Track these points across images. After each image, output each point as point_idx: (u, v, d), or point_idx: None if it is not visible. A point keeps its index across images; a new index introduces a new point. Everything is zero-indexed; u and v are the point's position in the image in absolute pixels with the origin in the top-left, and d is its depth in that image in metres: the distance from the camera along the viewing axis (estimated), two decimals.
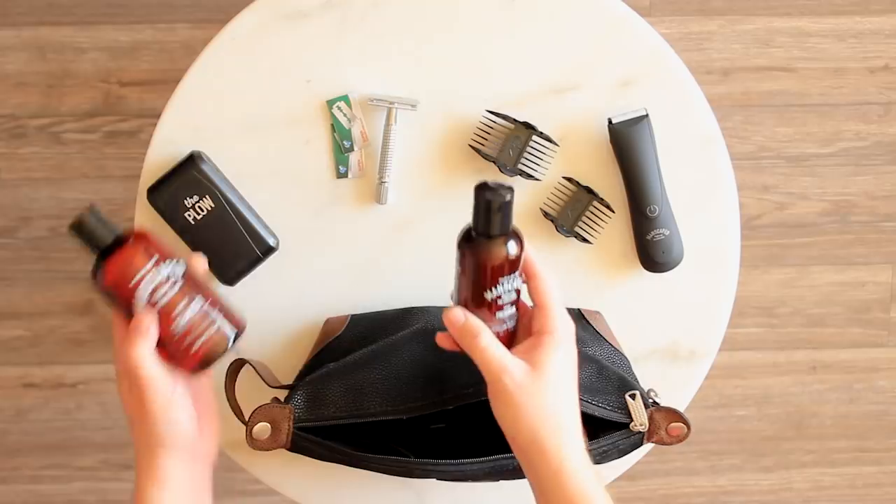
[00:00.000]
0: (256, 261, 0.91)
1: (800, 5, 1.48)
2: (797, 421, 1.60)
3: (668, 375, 0.96)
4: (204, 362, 0.75)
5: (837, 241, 1.54)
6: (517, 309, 0.73)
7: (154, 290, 0.73)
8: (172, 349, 0.74)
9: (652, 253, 0.92)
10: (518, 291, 0.72)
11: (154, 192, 0.89)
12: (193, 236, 0.89)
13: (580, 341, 0.88)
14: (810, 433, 1.60)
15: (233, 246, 0.90)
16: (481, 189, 0.67)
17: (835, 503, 1.63)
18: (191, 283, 0.74)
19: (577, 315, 0.93)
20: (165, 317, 0.73)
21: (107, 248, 0.72)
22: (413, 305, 0.92)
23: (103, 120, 1.47)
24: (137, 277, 0.72)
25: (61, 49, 1.45)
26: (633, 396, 0.81)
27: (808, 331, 1.57)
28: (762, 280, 1.55)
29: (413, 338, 0.85)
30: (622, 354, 0.89)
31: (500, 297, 0.71)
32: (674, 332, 0.96)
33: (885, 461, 1.62)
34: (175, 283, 0.73)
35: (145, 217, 0.91)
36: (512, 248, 0.69)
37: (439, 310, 0.91)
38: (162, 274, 0.73)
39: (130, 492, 0.74)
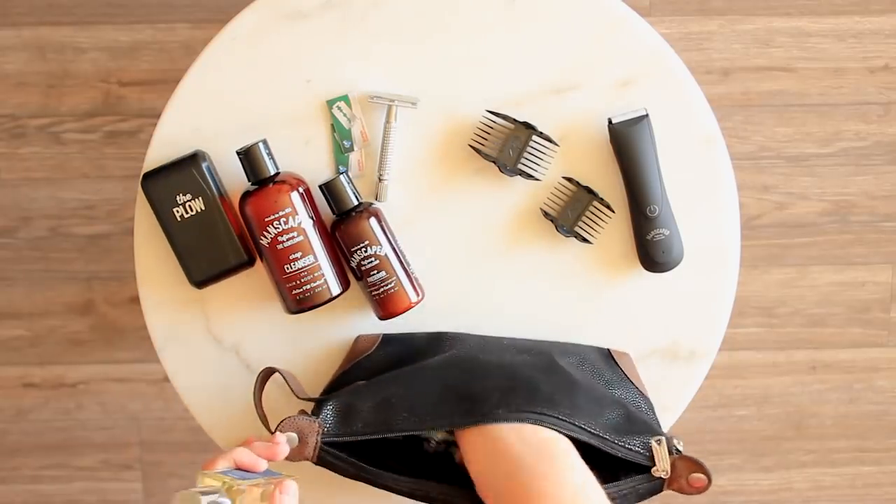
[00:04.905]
0: (229, 271, 0.90)
1: (800, 5, 1.48)
2: (797, 421, 1.60)
3: (668, 375, 0.96)
4: (301, 305, 0.87)
5: (837, 241, 1.54)
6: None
7: (282, 231, 0.86)
8: (280, 282, 0.87)
9: (652, 253, 0.92)
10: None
11: (149, 179, 0.90)
12: (174, 232, 0.89)
13: (608, 383, 0.88)
14: (810, 433, 1.60)
15: (210, 252, 0.89)
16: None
17: (835, 503, 1.63)
18: (317, 238, 0.87)
19: (606, 355, 0.93)
20: (284, 256, 0.86)
21: (260, 181, 0.86)
22: (445, 331, 0.93)
23: (103, 120, 1.47)
24: (272, 216, 0.85)
25: (61, 49, 1.45)
26: (658, 442, 0.81)
27: (808, 331, 1.57)
28: (762, 280, 1.55)
29: (445, 363, 0.85)
30: (647, 398, 0.89)
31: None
32: (674, 332, 0.96)
33: (885, 461, 1.62)
34: (301, 233, 0.86)
35: (146, 214, 0.92)
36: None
37: (471, 337, 0.91)
38: (292, 222, 0.86)
39: (131, 492, 0.73)
